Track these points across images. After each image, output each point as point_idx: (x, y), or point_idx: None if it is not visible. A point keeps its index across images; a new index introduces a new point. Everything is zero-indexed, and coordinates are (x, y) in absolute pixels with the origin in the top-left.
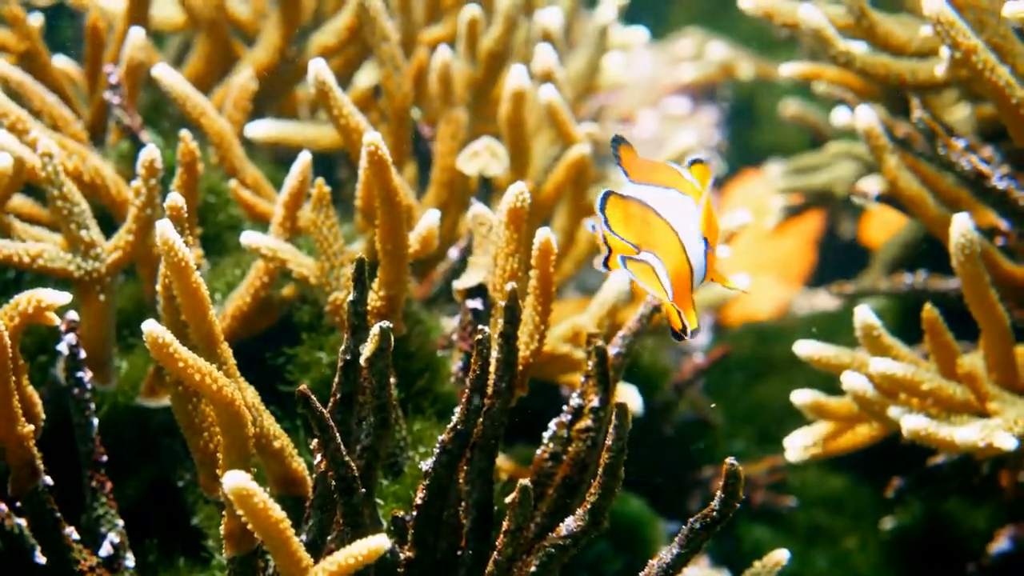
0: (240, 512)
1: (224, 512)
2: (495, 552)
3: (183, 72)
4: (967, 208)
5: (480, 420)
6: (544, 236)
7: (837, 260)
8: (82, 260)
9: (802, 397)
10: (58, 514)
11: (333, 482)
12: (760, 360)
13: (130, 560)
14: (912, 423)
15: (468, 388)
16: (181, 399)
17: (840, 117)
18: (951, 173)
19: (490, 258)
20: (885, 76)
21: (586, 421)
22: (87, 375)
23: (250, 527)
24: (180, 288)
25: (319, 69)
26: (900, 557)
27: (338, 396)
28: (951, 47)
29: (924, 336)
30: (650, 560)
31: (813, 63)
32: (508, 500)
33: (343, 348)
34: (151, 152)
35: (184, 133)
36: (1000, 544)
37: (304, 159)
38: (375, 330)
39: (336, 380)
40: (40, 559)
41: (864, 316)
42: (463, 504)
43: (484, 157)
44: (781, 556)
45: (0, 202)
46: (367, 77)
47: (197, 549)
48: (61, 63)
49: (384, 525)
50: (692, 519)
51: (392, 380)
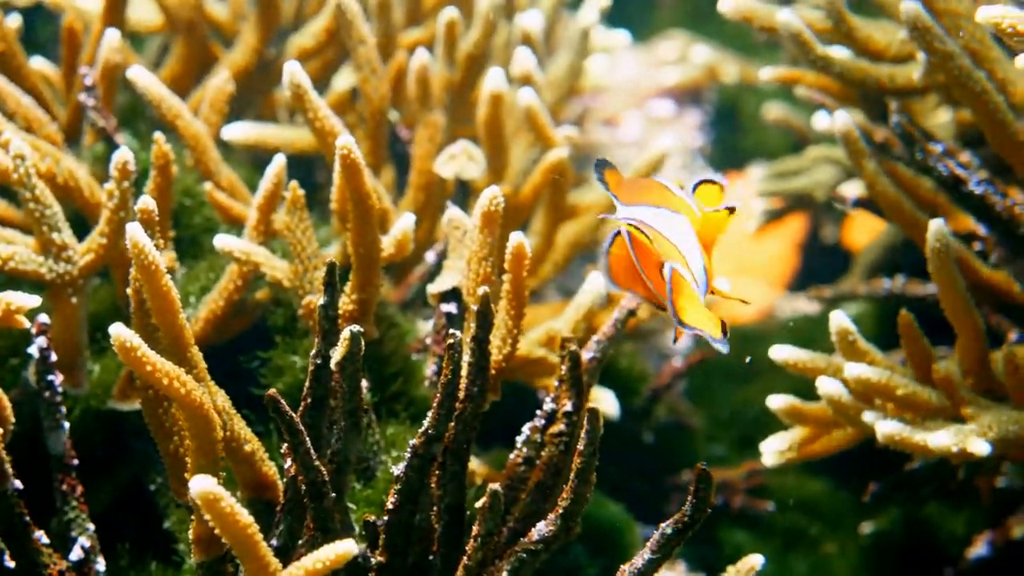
0: (207, 517)
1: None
2: (465, 557)
3: (161, 74)
4: (945, 213)
5: (452, 424)
6: (517, 240)
7: (820, 264)
8: (54, 263)
9: (778, 402)
10: (27, 518)
11: (303, 486)
12: (741, 365)
13: (101, 564)
14: (886, 428)
15: (439, 392)
16: (151, 403)
17: (821, 121)
18: (929, 178)
19: (464, 262)
20: (863, 81)
21: (559, 426)
22: (58, 378)
23: (218, 532)
24: (150, 291)
25: (294, 71)
26: (879, 562)
27: (309, 400)
28: (927, 52)
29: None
30: (622, 566)
31: (792, 67)
32: (478, 505)
33: (314, 352)
34: (124, 154)
35: (158, 135)
36: (978, 549)
37: (278, 162)
38: (345, 334)
39: (306, 384)
40: (9, 563)
41: (839, 321)
42: (435, 508)
43: (461, 160)
44: (755, 561)
45: None
46: (345, 80)
47: (169, 553)
48: (38, 64)
49: (356, 530)
50: (664, 524)
51: (365, 384)
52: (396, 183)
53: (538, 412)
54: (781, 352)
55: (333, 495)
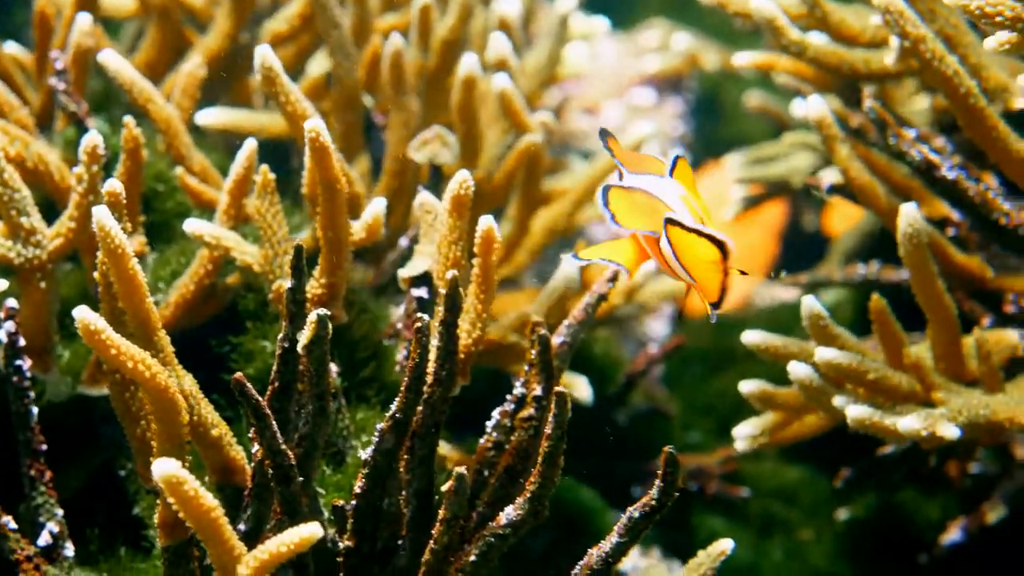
0: (171, 500)
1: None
2: (431, 541)
3: (135, 59)
4: (919, 198)
5: (420, 409)
6: (486, 224)
7: (800, 251)
8: (23, 247)
9: (749, 387)
10: None
11: (270, 471)
12: (719, 351)
13: (69, 550)
14: (856, 412)
15: (407, 376)
16: (118, 387)
17: (798, 108)
18: (903, 163)
19: (435, 246)
20: (838, 66)
21: (529, 410)
22: (26, 363)
23: (182, 515)
24: (116, 275)
25: (265, 55)
26: (854, 548)
27: (276, 384)
28: (900, 36)
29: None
30: (590, 550)
31: (767, 53)
32: (444, 489)
33: (281, 336)
34: (93, 138)
35: (127, 119)
36: (952, 535)
37: (250, 146)
38: (312, 318)
39: (274, 368)
40: None
41: (810, 305)
42: (404, 493)
43: (434, 145)
44: (725, 546)
45: None
46: (319, 65)
47: (139, 539)
48: (10, 49)
49: (325, 514)
50: (632, 508)
51: (335, 368)
52: (371, 168)
53: (508, 397)
54: (753, 337)
55: (300, 479)
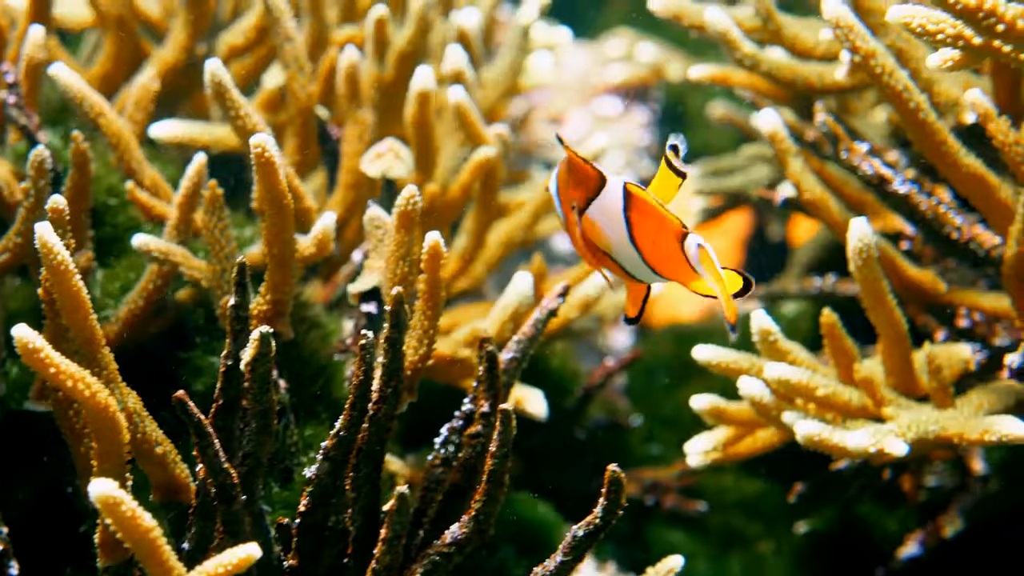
0: (108, 520)
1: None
2: (373, 560)
3: (91, 71)
4: (873, 212)
5: (366, 426)
6: (432, 240)
7: (765, 261)
8: None
9: (701, 402)
10: None
11: (212, 489)
12: (683, 363)
13: (14, 568)
14: (805, 429)
15: (351, 394)
16: (61, 405)
17: (757, 121)
18: (856, 177)
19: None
20: (792, 80)
21: (476, 427)
22: None
23: (119, 536)
24: (59, 291)
25: (214, 69)
26: (813, 561)
27: (220, 402)
28: (850, 51)
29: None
30: (534, 568)
31: (722, 66)
32: (386, 508)
33: (224, 353)
34: (40, 153)
35: (75, 133)
36: (909, 549)
37: (199, 160)
38: (255, 335)
39: (218, 386)
40: None
41: (760, 321)
42: (350, 511)
43: (388, 159)
44: (675, 562)
45: None
46: (275, 78)
47: (86, 557)
48: None
49: (272, 533)
50: (576, 526)
51: (283, 384)
52: (327, 182)
53: (456, 413)
54: (704, 352)
55: (243, 498)
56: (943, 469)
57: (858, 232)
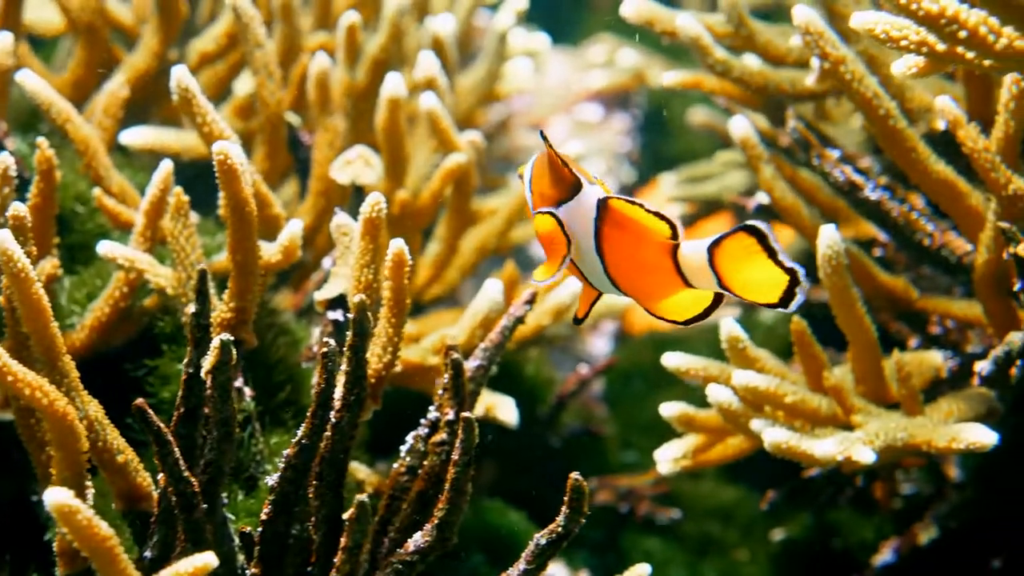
0: (64, 529)
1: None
2: (333, 570)
3: (62, 78)
4: (846, 219)
5: (328, 434)
6: (396, 248)
7: None
8: None
9: (670, 409)
10: None
11: (173, 498)
12: (661, 370)
13: None
14: (773, 436)
15: (313, 402)
16: (23, 413)
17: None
18: (828, 183)
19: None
20: (764, 86)
21: (441, 435)
22: None
23: (75, 544)
24: (20, 299)
25: (180, 75)
26: (788, 569)
27: (182, 410)
28: (820, 57)
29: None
30: None
31: (694, 72)
32: (346, 516)
33: (186, 361)
34: (3, 160)
35: (40, 140)
36: (884, 556)
37: (165, 168)
38: (215, 343)
39: (179, 394)
40: None
41: (729, 328)
42: (313, 519)
43: (357, 165)
44: (642, 571)
45: None
46: (246, 84)
47: (50, 565)
48: None
49: (235, 541)
50: (538, 535)
51: (248, 392)
52: (300, 189)
53: (422, 421)
54: (674, 360)
55: (204, 506)
56: (919, 476)
57: (827, 239)
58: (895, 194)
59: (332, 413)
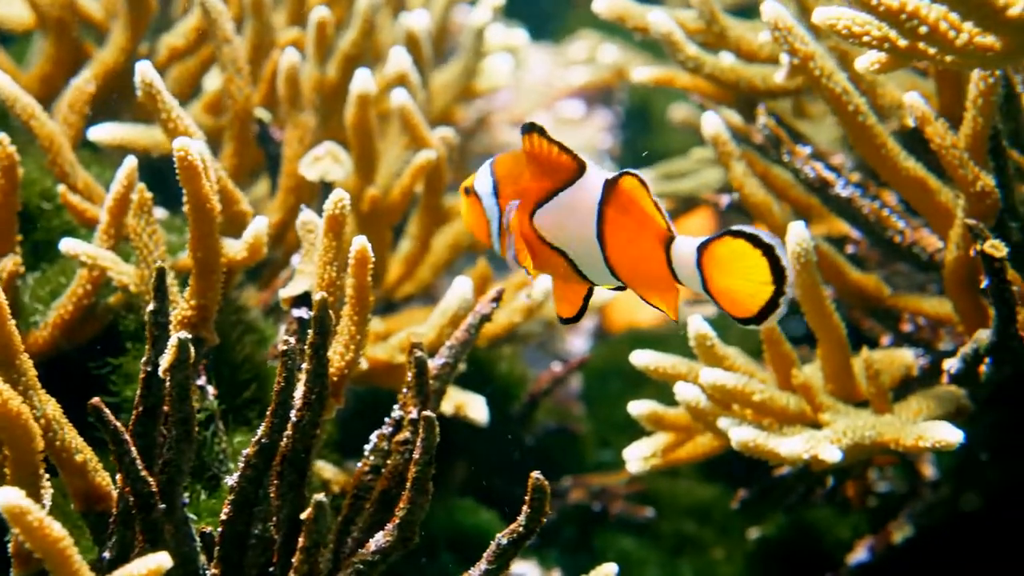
0: (16, 531)
1: None
2: (291, 570)
3: (31, 73)
4: (818, 216)
5: (290, 433)
6: (359, 245)
7: None
8: None
9: (638, 408)
10: None
11: (130, 498)
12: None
13: None
14: (740, 435)
15: (273, 401)
16: None
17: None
18: (799, 180)
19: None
20: (736, 82)
21: (405, 433)
22: None
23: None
24: None
25: (144, 71)
26: (764, 567)
27: (140, 409)
28: (789, 53)
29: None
30: None
31: (667, 68)
32: (303, 516)
33: (144, 360)
34: None
35: (1, 136)
36: (858, 555)
37: (129, 164)
38: (172, 341)
39: (138, 392)
40: None
41: (697, 326)
42: (275, 519)
43: (326, 162)
44: (609, 571)
45: None
46: (215, 80)
47: (6, 565)
48: None
49: (197, 541)
50: (499, 535)
51: (212, 391)
52: (271, 185)
53: (386, 420)
54: (642, 358)
55: (163, 506)
56: (894, 474)
57: (796, 236)
58: (867, 191)
59: (293, 412)
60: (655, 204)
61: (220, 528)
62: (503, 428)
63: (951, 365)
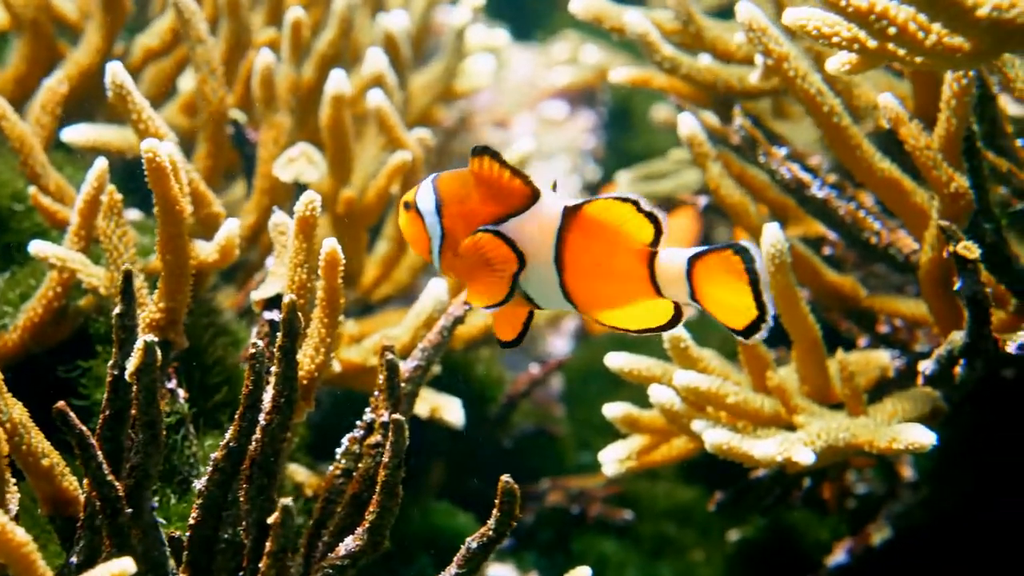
0: None
1: None
2: (258, 575)
3: (4, 74)
4: (795, 217)
5: (258, 436)
6: (329, 247)
7: None
8: None
9: (613, 410)
10: None
11: (97, 502)
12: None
13: None
14: (713, 437)
15: (242, 404)
16: None
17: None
18: (775, 181)
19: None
20: (712, 83)
21: (376, 436)
22: None
23: None
24: None
25: (115, 72)
26: (744, 569)
27: (107, 412)
28: (763, 54)
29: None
30: None
31: (643, 69)
32: (270, 521)
33: (111, 363)
34: None
35: None
36: (837, 557)
37: (100, 165)
38: (138, 344)
39: (105, 396)
40: None
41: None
42: (244, 523)
43: (300, 163)
44: (583, 573)
45: None
46: (190, 81)
47: None
48: None
49: (167, 546)
50: (470, 539)
51: (183, 394)
52: (247, 187)
53: (358, 423)
54: (616, 360)
55: (129, 511)
56: (872, 476)
57: (771, 237)
58: (844, 192)
59: (262, 415)
60: (646, 214)
61: (188, 532)
62: (480, 430)
63: (926, 367)
